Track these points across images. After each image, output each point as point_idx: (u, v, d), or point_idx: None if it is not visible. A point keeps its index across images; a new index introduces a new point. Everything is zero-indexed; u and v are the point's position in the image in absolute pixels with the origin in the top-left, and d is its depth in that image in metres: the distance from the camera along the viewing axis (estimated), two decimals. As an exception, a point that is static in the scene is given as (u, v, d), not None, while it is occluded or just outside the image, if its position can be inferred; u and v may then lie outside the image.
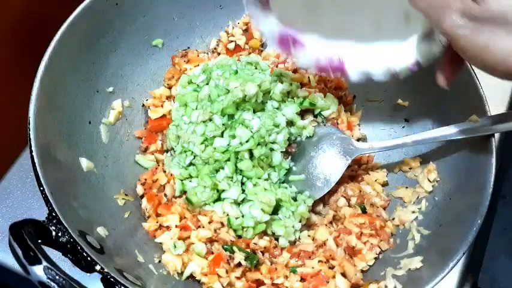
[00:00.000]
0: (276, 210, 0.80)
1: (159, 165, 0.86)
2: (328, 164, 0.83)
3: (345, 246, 0.78)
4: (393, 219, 0.82)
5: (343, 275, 0.76)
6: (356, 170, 0.88)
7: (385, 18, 0.72)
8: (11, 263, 0.82)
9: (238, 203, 0.80)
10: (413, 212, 0.81)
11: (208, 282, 0.74)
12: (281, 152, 0.82)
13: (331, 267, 0.76)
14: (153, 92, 0.91)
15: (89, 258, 0.62)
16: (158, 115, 0.89)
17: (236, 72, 0.85)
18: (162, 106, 0.90)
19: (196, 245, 0.77)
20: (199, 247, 0.77)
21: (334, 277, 0.75)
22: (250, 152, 0.80)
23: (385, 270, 0.75)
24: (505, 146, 0.95)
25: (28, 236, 0.59)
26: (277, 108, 0.84)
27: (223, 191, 0.80)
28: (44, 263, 0.56)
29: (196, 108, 0.84)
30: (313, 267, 0.75)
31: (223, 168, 0.80)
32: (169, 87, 0.93)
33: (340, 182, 0.84)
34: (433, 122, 0.85)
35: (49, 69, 0.73)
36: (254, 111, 0.83)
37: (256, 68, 0.89)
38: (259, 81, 0.82)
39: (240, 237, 0.79)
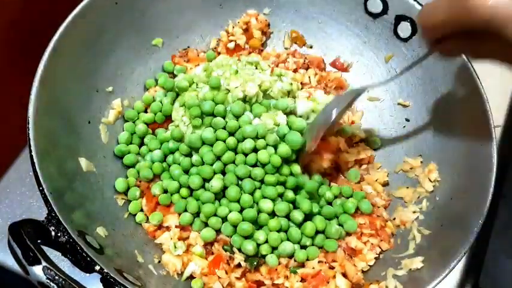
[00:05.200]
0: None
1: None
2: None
3: (345, 247, 0.78)
4: (394, 219, 0.82)
5: (344, 275, 0.75)
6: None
7: None
8: (11, 263, 0.82)
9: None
10: (414, 212, 0.81)
11: (208, 283, 0.74)
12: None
13: (332, 268, 0.76)
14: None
15: (88, 259, 0.62)
16: (158, 115, 0.89)
17: (236, 72, 0.85)
18: (161, 106, 0.90)
19: (196, 246, 0.77)
20: (198, 247, 0.77)
21: (334, 277, 0.74)
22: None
23: (386, 271, 0.75)
24: (506, 145, 0.95)
25: (27, 236, 0.58)
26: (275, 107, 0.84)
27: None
28: (43, 263, 0.56)
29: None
30: (313, 268, 0.75)
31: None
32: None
33: (340, 182, 0.84)
34: (434, 122, 0.85)
35: (48, 69, 0.73)
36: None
37: (256, 68, 0.89)
38: (259, 81, 0.82)
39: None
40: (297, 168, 0.79)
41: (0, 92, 0.90)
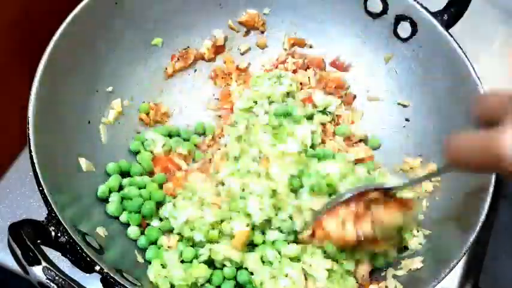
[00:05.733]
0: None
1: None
2: None
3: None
4: (394, 219, 0.82)
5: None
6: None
7: None
8: (11, 263, 0.81)
9: None
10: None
11: (208, 283, 0.74)
12: None
13: (332, 268, 0.76)
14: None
15: (88, 259, 0.62)
16: (158, 115, 0.89)
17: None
18: (161, 106, 0.90)
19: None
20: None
21: (335, 276, 0.74)
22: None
23: (386, 271, 0.75)
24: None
25: (27, 236, 0.58)
26: None
27: None
28: (43, 264, 0.56)
29: None
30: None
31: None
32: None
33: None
34: (434, 122, 0.85)
35: (48, 69, 0.73)
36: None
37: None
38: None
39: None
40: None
41: (0, 92, 0.90)
